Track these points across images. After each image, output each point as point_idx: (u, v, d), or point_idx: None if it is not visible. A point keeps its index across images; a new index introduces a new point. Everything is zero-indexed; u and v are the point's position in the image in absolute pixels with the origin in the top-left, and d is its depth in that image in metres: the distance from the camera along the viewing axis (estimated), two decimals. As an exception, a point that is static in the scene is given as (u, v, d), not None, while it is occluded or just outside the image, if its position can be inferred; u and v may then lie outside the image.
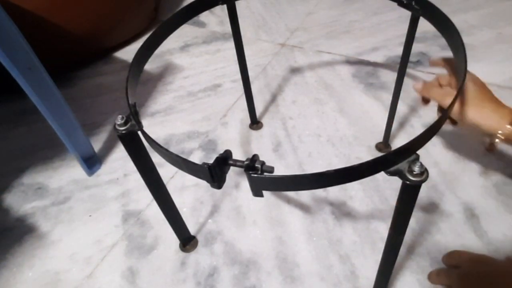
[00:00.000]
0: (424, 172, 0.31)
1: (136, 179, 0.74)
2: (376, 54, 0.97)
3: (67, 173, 0.77)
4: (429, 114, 0.79)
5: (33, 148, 0.83)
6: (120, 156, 0.80)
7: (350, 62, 0.96)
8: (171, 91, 0.95)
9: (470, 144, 0.72)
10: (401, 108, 0.80)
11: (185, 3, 0.60)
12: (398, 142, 0.75)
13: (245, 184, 0.71)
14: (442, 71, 0.56)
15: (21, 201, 0.73)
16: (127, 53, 1.11)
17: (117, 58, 1.09)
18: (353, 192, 0.67)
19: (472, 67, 0.46)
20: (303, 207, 0.66)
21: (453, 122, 0.55)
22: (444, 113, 0.33)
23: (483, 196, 0.63)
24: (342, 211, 0.64)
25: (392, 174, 0.32)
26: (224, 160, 0.32)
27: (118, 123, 0.39)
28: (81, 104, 0.94)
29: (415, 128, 0.77)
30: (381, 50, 0.98)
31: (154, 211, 0.68)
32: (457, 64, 0.47)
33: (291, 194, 0.68)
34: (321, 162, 0.72)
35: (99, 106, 0.93)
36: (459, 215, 0.61)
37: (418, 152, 0.32)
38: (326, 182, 0.31)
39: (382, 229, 0.61)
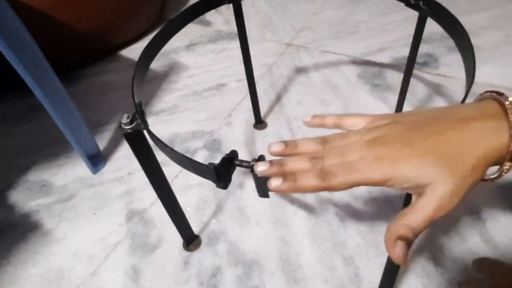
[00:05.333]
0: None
1: (140, 178, 0.74)
2: (382, 55, 0.97)
3: (72, 171, 0.78)
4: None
5: (38, 146, 0.84)
6: (124, 155, 0.80)
7: (356, 62, 0.96)
8: (176, 90, 0.95)
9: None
10: (407, 109, 0.79)
11: (191, 2, 0.60)
12: (403, 143, 0.74)
13: (249, 184, 0.71)
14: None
15: (26, 198, 0.74)
16: (133, 51, 1.11)
17: (122, 57, 1.09)
18: (357, 194, 0.66)
19: (480, 69, 0.45)
20: (307, 208, 0.66)
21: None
22: None
23: (490, 200, 0.63)
24: (347, 213, 0.64)
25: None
26: (230, 161, 0.32)
27: (124, 122, 0.39)
28: (86, 102, 0.94)
29: (421, 130, 0.76)
30: (388, 51, 0.98)
31: (158, 210, 0.68)
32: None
33: (295, 195, 0.68)
34: (325, 163, 0.72)
35: (105, 104, 0.93)
36: (465, 219, 0.61)
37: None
38: (332, 184, 0.31)
39: (387, 232, 0.61)
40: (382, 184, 0.26)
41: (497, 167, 0.27)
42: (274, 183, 0.27)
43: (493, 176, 0.28)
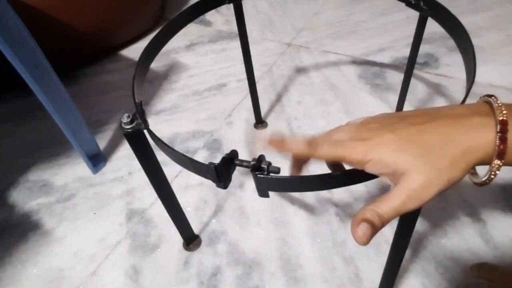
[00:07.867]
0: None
1: (140, 178, 0.74)
2: (382, 55, 0.97)
3: (72, 171, 0.78)
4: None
5: (38, 145, 0.84)
6: (125, 154, 0.80)
7: (357, 62, 0.96)
8: (177, 90, 0.95)
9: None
10: (408, 109, 0.79)
11: (191, 2, 0.60)
12: (404, 144, 0.74)
13: (249, 184, 0.71)
14: None
15: (26, 198, 0.74)
16: (133, 51, 1.11)
17: (123, 56, 1.09)
18: (358, 194, 0.66)
19: (480, 69, 0.45)
20: (308, 208, 0.65)
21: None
22: None
23: (490, 200, 0.63)
24: (347, 213, 0.64)
25: (399, 176, 0.31)
26: (231, 160, 0.32)
27: (124, 121, 0.39)
28: (86, 102, 0.94)
29: (421, 130, 0.76)
30: (388, 51, 0.98)
31: (158, 210, 0.68)
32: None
33: (295, 195, 0.68)
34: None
35: (105, 104, 0.93)
36: (465, 219, 0.61)
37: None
38: (333, 183, 0.31)
39: (387, 232, 0.61)
40: (362, 164, 0.27)
41: (488, 168, 0.26)
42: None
43: (484, 179, 0.27)
